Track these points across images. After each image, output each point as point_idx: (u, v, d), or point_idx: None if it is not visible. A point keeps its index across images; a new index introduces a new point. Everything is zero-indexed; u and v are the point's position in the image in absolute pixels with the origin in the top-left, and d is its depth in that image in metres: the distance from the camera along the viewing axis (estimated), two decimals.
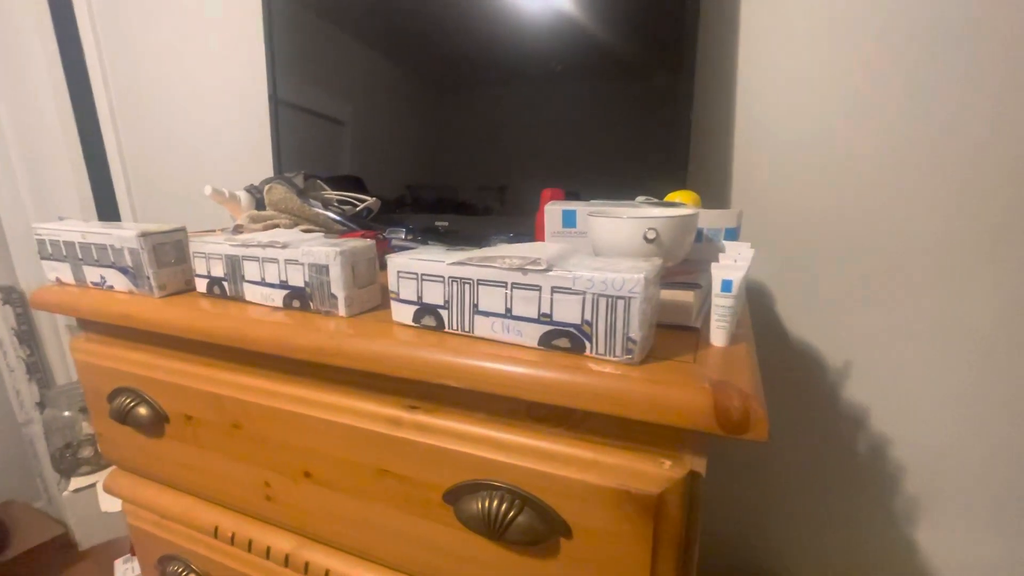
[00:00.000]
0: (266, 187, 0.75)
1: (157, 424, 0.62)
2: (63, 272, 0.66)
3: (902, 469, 0.77)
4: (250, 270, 0.54)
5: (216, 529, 0.63)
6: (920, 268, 0.69)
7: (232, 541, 0.62)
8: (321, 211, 0.80)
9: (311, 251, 0.49)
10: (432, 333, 0.45)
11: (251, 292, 0.55)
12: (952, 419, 0.72)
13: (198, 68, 1.15)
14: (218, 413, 0.56)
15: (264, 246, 0.52)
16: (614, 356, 0.37)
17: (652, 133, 0.70)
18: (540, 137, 0.77)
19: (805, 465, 0.82)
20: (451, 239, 0.85)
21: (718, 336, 0.41)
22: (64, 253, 0.64)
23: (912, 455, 0.76)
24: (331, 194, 0.87)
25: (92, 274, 0.63)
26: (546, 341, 0.40)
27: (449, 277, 0.43)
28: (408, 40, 0.84)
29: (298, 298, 0.52)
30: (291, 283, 0.52)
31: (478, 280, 0.41)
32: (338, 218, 0.81)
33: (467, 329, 0.43)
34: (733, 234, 0.53)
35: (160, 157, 1.28)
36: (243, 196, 0.81)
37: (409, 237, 0.79)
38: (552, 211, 0.56)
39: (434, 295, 0.44)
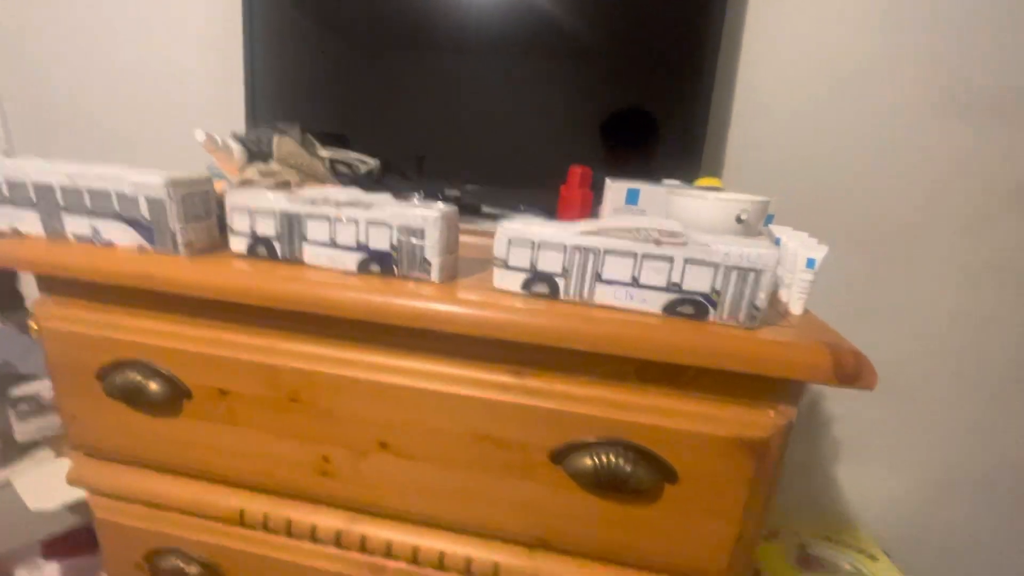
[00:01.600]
0: (275, 139, 0.68)
1: (172, 402, 0.54)
2: (26, 221, 0.53)
3: (833, 416, 0.94)
4: (315, 230, 0.50)
5: (242, 513, 0.57)
6: (904, 245, 0.84)
7: (265, 525, 0.57)
8: (329, 171, 0.74)
9: (404, 213, 0.47)
10: (544, 301, 0.46)
11: (312, 254, 0.51)
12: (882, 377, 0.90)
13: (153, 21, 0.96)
14: (270, 386, 0.51)
15: (341, 205, 0.48)
16: (737, 322, 0.42)
17: (670, 120, 0.76)
18: (558, 113, 0.79)
19: None
20: (461, 209, 0.83)
21: (798, 306, 0.48)
22: (34, 198, 0.52)
23: (845, 406, 0.93)
24: (327, 152, 0.81)
25: (77, 225, 0.52)
26: (671, 308, 0.44)
27: (572, 246, 0.44)
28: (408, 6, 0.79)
29: (378, 262, 0.49)
30: (372, 246, 0.49)
31: (605, 250, 0.43)
32: (345, 180, 0.76)
33: (586, 297, 0.45)
34: (770, 220, 0.60)
35: (59, 89, 1.05)
36: (235, 147, 0.72)
37: None
38: (616, 188, 0.59)
39: (552, 263, 0.45)
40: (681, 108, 0.75)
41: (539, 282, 0.46)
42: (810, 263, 0.47)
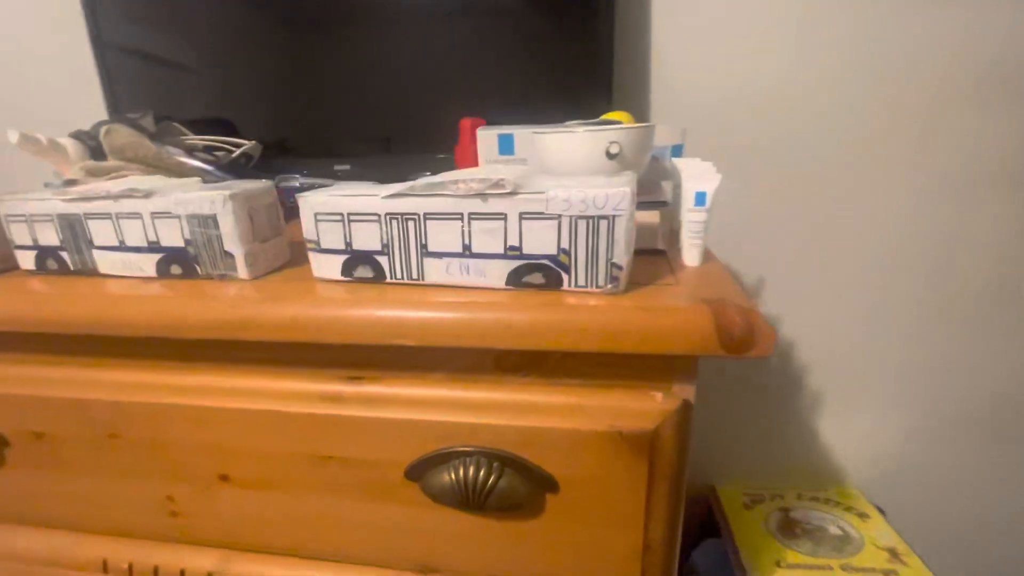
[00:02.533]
0: (103, 129, 0.58)
1: None
2: None
3: (806, 368, 0.85)
4: (100, 232, 0.41)
5: (105, 563, 0.50)
6: (840, 180, 0.74)
7: (131, 573, 0.50)
8: (186, 159, 0.64)
9: (188, 198, 0.38)
10: (370, 286, 0.37)
11: (106, 262, 0.42)
12: (843, 318, 0.80)
13: None
14: (84, 424, 0.43)
15: (117, 197, 0.39)
16: (597, 287, 0.33)
17: (571, 54, 0.65)
18: (448, 67, 0.68)
19: (718, 371, 0.87)
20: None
21: (692, 255, 0.38)
22: None
23: (817, 356, 0.84)
24: (195, 139, 0.71)
25: None
26: (515, 279, 0.34)
27: (387, 214, 0.35)
28: None
29: (178, 263, 0.40)
30: (165, 243, 0.40)
31: (426, 214, 0.34)
32: (210, 168, 0.66)
33: (415, 277, 0.36)
34: (679, 151, 0.50)
35: None
36: (70, 144, 0.62)
37: (305, 185, 0.67)
38: (486, 136, 0.49)
39: (368, 239, 0.36)
40: (581, 35, 0.64)
41: (360, 264, 0.37)
42: (699, 199, 0.37)
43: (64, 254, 0.42)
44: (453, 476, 0.37)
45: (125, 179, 0.44)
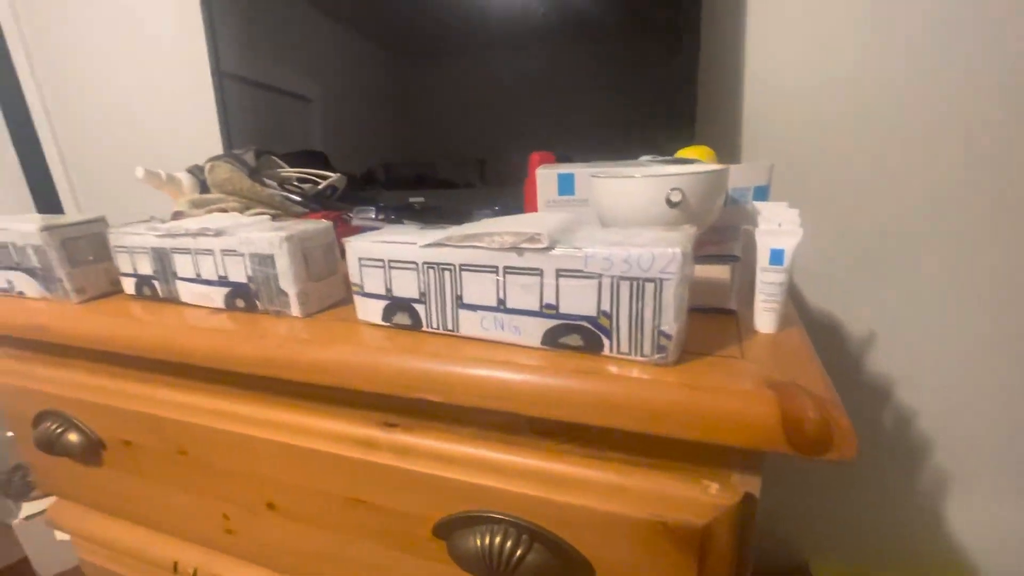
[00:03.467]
0: (207, 166, 0.64)
1: (93, 451, 0.53)
2: None
3: (930, 440, 0.71)
4: (182, 265, 0.44)
5: (176, 565, 0.54)
6: (934, 222, 0.62)
7: None
8: (276, 191, 0.69)
9: (251, 238, 0.40)
10: (407, 334, 0.36)
11: (186, 292, 0.45)
12: (975, 387, 0.66)
13: (132, 43, 1.01)
14: (159, 438, 0.47)
15: (195, 235, 0.42)
16: (641, 356, 0.29)
17: (653, 86, 0.61)
18: (524, 100, 0.67)
19: None
20: (428, 217, 0.75)
21: (765, 321, 0.33)
22: None
23: (938, 426, 0.70)
24: (289, 172, 0.76)
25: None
26: (551, 339, 0.31)
27: (424, 263, 0.34)
28: (370, 5, 0.72)
29: (242, 297, 0.43)
30: (232, 279, 0.42)
31: (461, 265, 0.32)
32: (297, 199, 0.71)
33: (450, 327, 0.35)
34: (763, 193, 0.44)
35: (100, 145, 1.15)
36: (185, 178, 0.70)
37: (380, 217, 0.69)
38: (545, 176, 0.47)
39: (407, 286, 0.35)
40: (663, 71, 0.59)
41: (399, 311, 0.36)
42: (775, 257, 0.31)
43: (156, 283, 0.47)
44: (479, 542, 0.34)
45: (202, 218, 0.48)
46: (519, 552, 0.33)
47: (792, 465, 0.78)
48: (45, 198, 1.25)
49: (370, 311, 0.38)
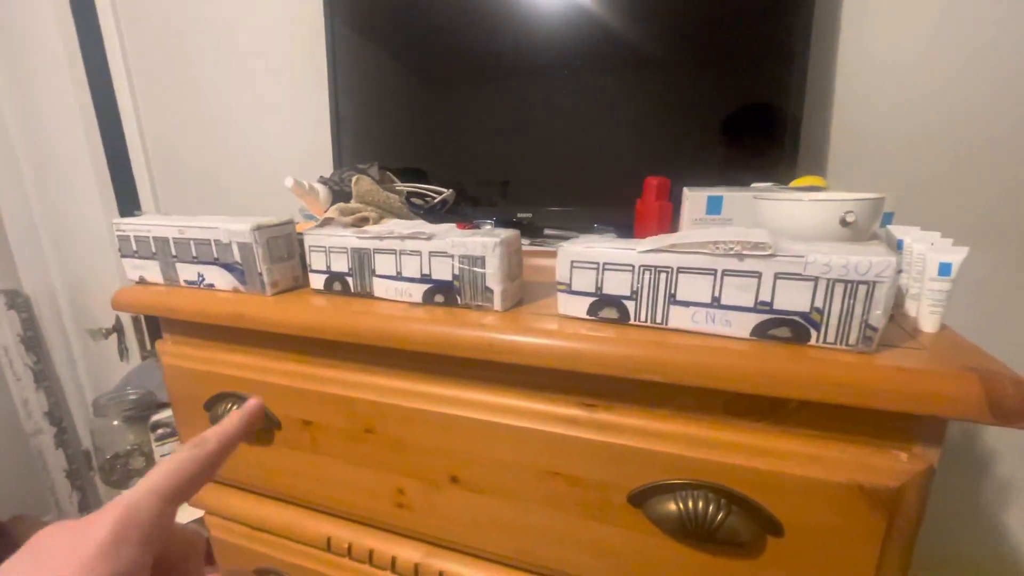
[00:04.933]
0: (354, 178, 0.71)
1: (265, 431, 0.58)
2: (149, 270, 0.61)
3: (994, 450, 0.77)
4: (383, 264, 0.51)
5: (329, 540, 0.59)
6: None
7: (349, 553, 0.58)
8: (404, 203, 0.76)
9: (463, 242, 0.46)
10: (613, 326, 0.42)
11: (382, 287, 0.52)
12: None
13: (241, 51, 1.09)
14: (348, 417, 0.53)
15: (404, 238, 0.49)
16: (847, 345, 0.35)
17: (755, 112, 0.69)
18: (624, 124, 0.75)
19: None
20: (532, 232, 0.82)
21: (931, 322, 0.39)
22: (153, 250, 0.59)
23: (1003, 436, 0.76)
24: (402, 186, 0.84)
25: (187, 272, 0.58)
26: (761, 331, 0.38)
27: (641, 265, 0.40)
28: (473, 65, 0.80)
29: (442, 293, 0.49)
30: (435, 277, 0.48)
31: (679, 268, 0.39)
32: (420, 211, 0.78)
33: (659, 321, 0.41)
34: (889, 219, 0.51)
35: (188, 147, 1.22)
36: (321, 189, 0.77)
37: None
38: (695, 198, 0.54)
39: (619, 285, 0.42)
40: (769, 102, 0.67)
41: (606, 306, 0.43)
42: (944, 269, 0.38)
43: (349, 279, 0.53)
44: (681, 506, 0.40)
45: (404, 222, 0.54)
46: (720, 515, 0.39)
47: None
48: (126, 195, 1.31)
49: (573, 306, 0.44)
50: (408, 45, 0.86)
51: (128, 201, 1.32)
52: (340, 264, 0.53)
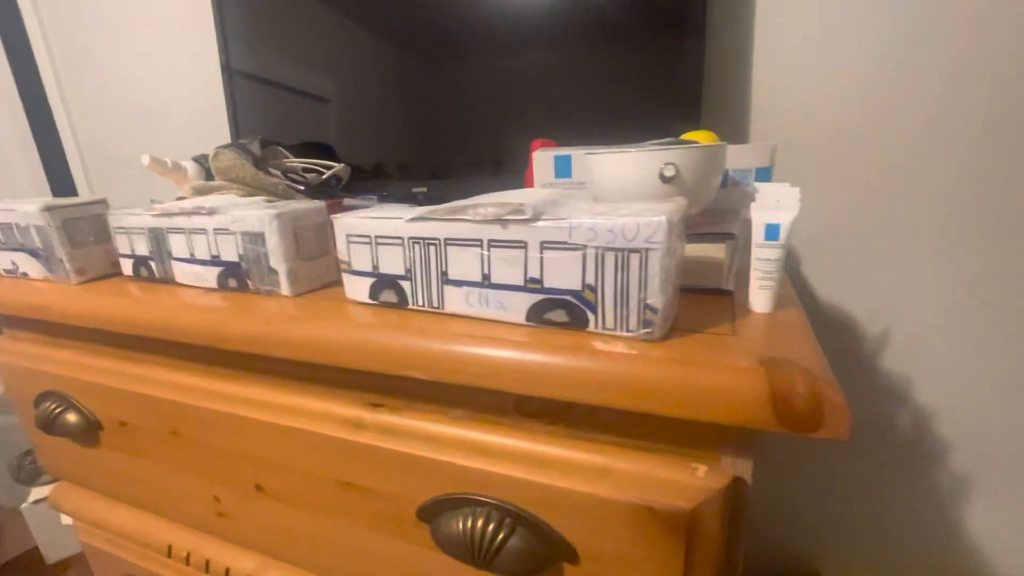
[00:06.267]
0: (212, 153, 0.65)
1: (91, 432, 0.53)
2: None
3: (947, 444, 0.68)
4: (177, 245, 0.44)
5: (169, 548, 0.54)
6: (953, 209, 0.59)
7: (187, 562, 0.53)
8: (280, 180, 0.70)
9: (242, 216, 0.40)
10: (393, 312, 0.36)
11: (181, 272, 0.46)
12: (994, 385, 0.63)
13: (145, 34, 1.03)
14: (155, 418, 0.47)
15: (189, 214, 0.42)
16: (627, 331, 0.28)
17: (659, 73, 0.60)
18: (531, 93, 0.67)
19: (843, 446, 0.73)
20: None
21: (761, 299, 0.31)
22: None
23: (957, 428, 0.67)
24: (294, 162, 0.77)
25: (3, 260, 0.53)
26: (536, 315, 0.30)
27: (409, 238, 0.33)
28: (384, 5, 0.72)
29: (234, 276, 0.42)
30: (224, 258, 0.42)
31: (446, 239, 0.32)
32: (300, 188, 0.71)
33: (436, 305, 0.34)
34: (766, 175, 0.43)
35: (117, 135, 1.17)
36: (190, 166, 0.71)
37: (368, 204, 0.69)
38: (542, 159, 0.46)
39: (393, 263, 0.35)
40: (669, 57, 0.58)
41: (385, 288, 0.36)
42: (770, 232, 0.30)
43: (152, 263, 0.47)
44: (462, 526, 0.33)
45: (201, 198, 0.48)
46: (501, 535, 0.32)
47: (803, 468, 0.76)
48: (62, 186, 1.28)
49: (357, 289, 0.37)
50: (298, 16, 0.79)
51: (62, 190, 1.28)
52: (142, 247, 0.47)
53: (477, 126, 0.71)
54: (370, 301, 0.37)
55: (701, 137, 0.50)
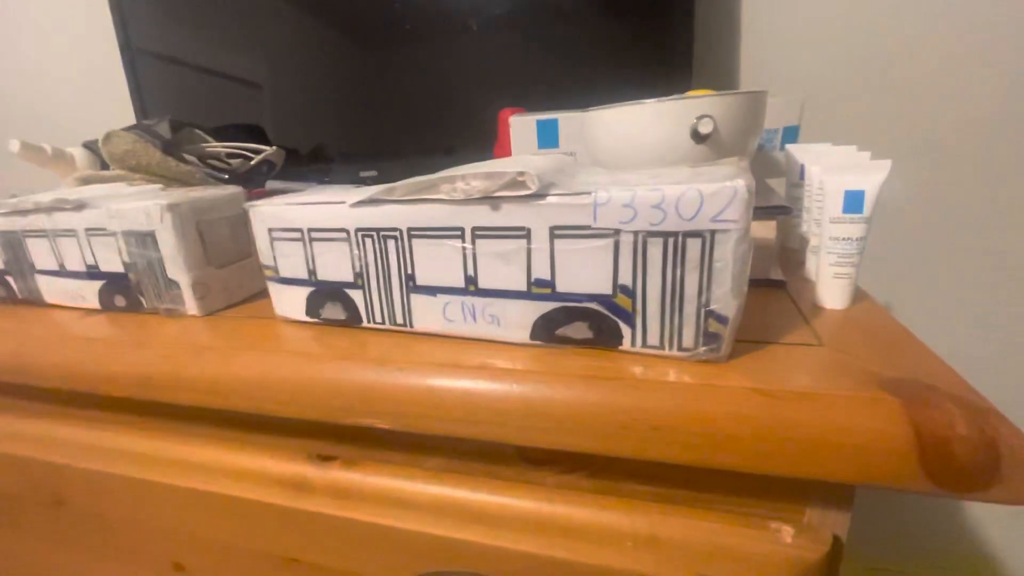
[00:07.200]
0: (103, 136, 0.52)
1: None
2: None
3: None
4: (40, 254, 0.33)
5: None
6: (972, 175, 0.55)
7: None
8: (198, 167, 0.57)
9: (123, 210, 0.29)
10: (342, 333, 0.26)
11: (49, 289, 0.34)
12: (1012, 378, 0.60)
13: (36, 13, 0.86)
14: (28, 484, 0.36)
15: (48, 210, 0.31)
16: (680, 350, 0.20)
17: (644, 32, 0.51)
18: (497, 48, 0.57)
19: None
20: None
21: (836, 293, 0.24)
22: None
23: None
24: (215, 146, 0.64)
25: None
26: (547, 331, 0.22)
27: (357, 229, 0.23)
28: None
29: (121, 293, 0.31)
30: (104, 268, 0.31)
31: (410, 230, 0.22)
32: (223, 176, 0.59)
33: (400, 321, 0.25)
34: (793, 135, 0.35)
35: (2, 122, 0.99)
36: (78, 153, 0.58)
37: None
38: (521, 124, 0.37)
39: (337, 265, 0.25)
40: (656, 13, 0.50)
41: (328, 300, 0.26)
42: (851, 203, 0.22)
43: (10, 279, 0.35)
44: None
45: (68, 190, 0.36)
46: None
47: None
48: None
49: (289, 304, 0.27)
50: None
51: None
52: None
53: (435, 97, 0.61)
54: (308, 319, 0.27)
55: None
